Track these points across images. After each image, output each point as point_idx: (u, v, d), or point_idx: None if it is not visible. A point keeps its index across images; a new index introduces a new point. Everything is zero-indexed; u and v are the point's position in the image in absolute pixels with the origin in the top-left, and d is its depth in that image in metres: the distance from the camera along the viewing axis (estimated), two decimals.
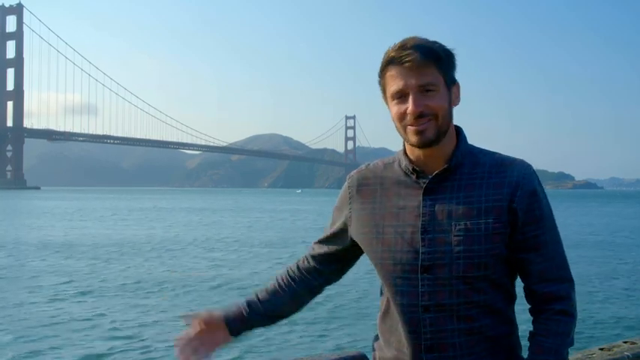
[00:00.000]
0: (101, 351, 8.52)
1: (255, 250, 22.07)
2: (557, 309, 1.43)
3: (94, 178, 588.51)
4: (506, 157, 1.48)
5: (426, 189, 1.45)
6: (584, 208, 65.71)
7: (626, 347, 2.71)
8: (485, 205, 1.41)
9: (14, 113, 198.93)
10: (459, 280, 1.41)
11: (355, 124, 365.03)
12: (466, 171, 1.45)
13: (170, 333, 9.38)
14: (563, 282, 1.45)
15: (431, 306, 1.42)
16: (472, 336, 1.43)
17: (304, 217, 46.04)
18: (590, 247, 23.23)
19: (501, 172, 1.44)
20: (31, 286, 13.65)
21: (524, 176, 1.43)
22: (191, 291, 13.37)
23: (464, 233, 1.40)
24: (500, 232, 1.40)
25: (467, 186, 1.44)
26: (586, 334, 9.37)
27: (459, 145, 1.47)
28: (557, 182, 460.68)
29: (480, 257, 1.40)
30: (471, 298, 1.41)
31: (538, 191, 1.44)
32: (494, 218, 1.40)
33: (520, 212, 1.41)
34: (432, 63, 1.39)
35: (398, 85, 1.41)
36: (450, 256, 1.40)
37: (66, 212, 50.40)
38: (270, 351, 8.55)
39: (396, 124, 1.46)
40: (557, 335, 1.41)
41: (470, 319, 1.42)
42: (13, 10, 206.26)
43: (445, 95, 1.43)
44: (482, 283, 1.42)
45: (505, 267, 1.45)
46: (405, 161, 1.49)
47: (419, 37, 1.43)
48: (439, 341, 1.43)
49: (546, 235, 1.44)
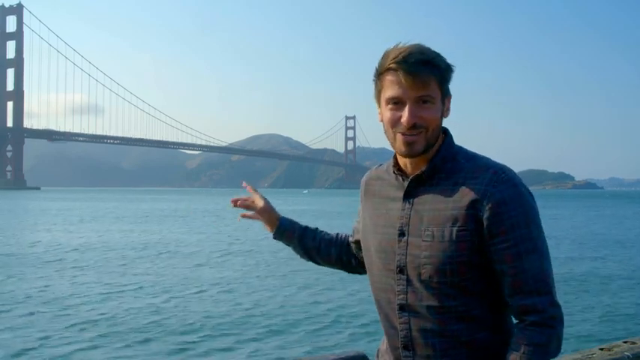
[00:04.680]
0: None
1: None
2: (530, 320, 1.38)
3: (94, 178, 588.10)
4: (485, 163, 1.45)
5: (405, 192, 1.49)
6: (583, 209, 65.65)
7: (626, 347, 2.70)
8: (452, 212, 1.41)
9: (14, 113, 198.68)
10: (427, 285, 1.42)
11: (355, 124, 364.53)
12: (444, 176, 1.46)
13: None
14: (540, 295, 1.38)
15: (405, 305, 1.46)
16: (445, 338, 1.43)
17: (340, 217, 43.64)
18: (591, 246, 23.22)
19: (474, 179, 1.42)
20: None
21: (494, 184, 1.40)
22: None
23: (430, 240, 1.41)
24: (467, 240, 1.39)
25: (442, 191, 1.44)
26: (586, 334, 9.38)
27: (440, 149, 1.48)
28: (557, 182, 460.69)
29: (445, 264, 1.40)
30: (442, 303, 1.42)
31: (508, 201, 1.39)
32: (460, 226, 1.39)
33: (486, 222, 1.39)
34: (434, 77, 1.40)
35: (396, 92, 1.41)
36: (418, 260, 1.43)
37: (94, 216, 48.77)
38: (270, 351, 8.55)
39: (387, 128, 1.47)
40: (528, 346, 1.36)
41: (441, 322, 1.42)
42: (13, 10, 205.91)
43: (439, 108, 1.44)
44: (451, 290, 1.41)
45: (482, 274, 1.42)
46: (394, 164, 1.54)
47: (423, 47, 1.43)
48: (414, 340, 1.45)
49: (519, 246, 1.38)
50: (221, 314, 10.77)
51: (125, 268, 17.04)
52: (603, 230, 32.65)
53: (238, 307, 11.36)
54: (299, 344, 8.88)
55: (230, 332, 9.53)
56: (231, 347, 8.75)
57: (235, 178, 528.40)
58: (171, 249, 22.25)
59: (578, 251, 21.14)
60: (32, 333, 9.39)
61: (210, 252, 21.29)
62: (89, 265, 17.50)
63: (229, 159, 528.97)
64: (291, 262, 16.57)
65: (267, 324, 10.08)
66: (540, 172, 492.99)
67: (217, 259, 19.27)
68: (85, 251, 21.02)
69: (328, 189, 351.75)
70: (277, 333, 9.53)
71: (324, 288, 13.36)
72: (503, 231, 1.38)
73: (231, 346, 8.81)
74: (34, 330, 9.58)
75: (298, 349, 8.60)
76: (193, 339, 9.12)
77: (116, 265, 17.67)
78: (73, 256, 19.44)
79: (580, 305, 11.46)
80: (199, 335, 9.33)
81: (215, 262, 18.53)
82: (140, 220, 41.06)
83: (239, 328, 9.77)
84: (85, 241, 24.84)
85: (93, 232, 29.22)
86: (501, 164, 1.46)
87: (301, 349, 8.53)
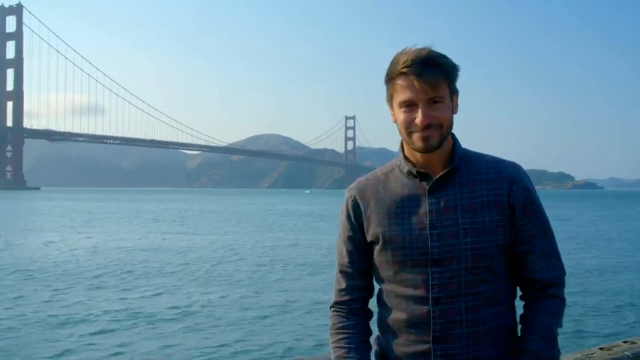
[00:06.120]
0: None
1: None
2: (550, 292, 1.55)
3: (93, 178, 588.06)
4: (495, 159, 1.60)
5: (430, 188, 1.55)
6: (585, 209, 65.60)
7: (626, 347, 2.72)
8: (487, 199, 1.53)
9: (14, 113, 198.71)
10: (467, 271, 1.51)
11: (355, 124, 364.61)
12: (464, 170, 1.56)
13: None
14: (557, 270, 1.57)
15: (441, 298, 1.51)
16: (477, 327, 1.52)
17: None
18: (591, 246, 23.22)
19: (496, 170, 1.56)
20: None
21: (518, 173, 1.56)
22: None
23: (469, 226, 1.51)
24: (502, 225, 1.52)
25: (468, 183, 1.55)
26: (586, 334, 9.37)
27: (456, 148, 1.58)
28: (557, 182, 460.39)
29: (486, 248, 1.51)
30: (477, 289, 1.51)
31: (530, 187, 1.57)
32: (497, 211, 1.52)
33: (517, 206, 1.53)
34: (442, 78, 1.50)
35: (408, 96, 1.50)
36: (457, 248, 1.50)
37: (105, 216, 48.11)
38: (270, 351, 8.55)
39: (401, 129, 1.55)
40: (549, 314, 1.53)
41: (476, 309, 1.51)
42: (13, 11, 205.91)
43: (450, 106, 1.54)
44: (487, 274, 1.52)
45: (505, 260, 1.55)
46: (408, 165, 1.59)
47: (430, 50, 1.51)
48: (447, 332, 1.51)
49: (540, 227, 1.56)
50: (223, 304, 10.75)
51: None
52: (606, 230, 32.64)
53: (237, 301, 11.35)
54: (299, 344, 8.88)
55: (226, 327, 9.52)
56: (226, 343, 8.74)
57: (235, 178, 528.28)
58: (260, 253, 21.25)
59: (578, 251, 21.13)
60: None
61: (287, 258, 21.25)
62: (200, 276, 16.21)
63: (229, 159, 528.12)
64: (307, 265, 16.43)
65: (267, 324, 10.09)
66: (540, 172, 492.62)
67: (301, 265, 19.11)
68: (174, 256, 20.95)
69: (328, 189, 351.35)
70: (277, 333, 9.52)
71: (326, 285, 13.35)
72: (529, 214, 1.55)
73: (226, 341, 8.80)
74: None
75: (298, 348, 8.60)
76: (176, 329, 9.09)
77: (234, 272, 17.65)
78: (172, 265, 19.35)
79: (580, 305, 11.45)
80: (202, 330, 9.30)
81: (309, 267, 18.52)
82: (180, 221, 40.24)
83: (235, 324, 9.76)
84: (168, 245, 24.67)
85: (160, 235, 28.57)
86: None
87: (301, 349, 8.53)
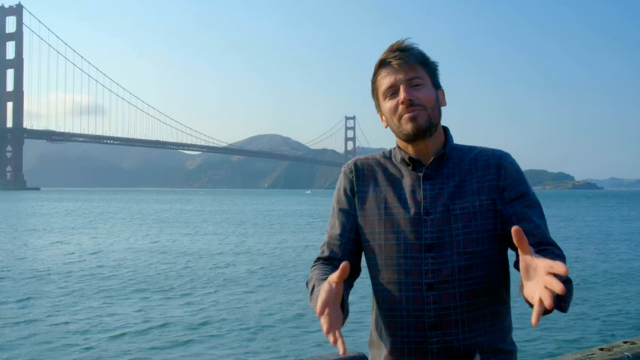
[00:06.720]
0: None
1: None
2: (556, 252, 1.51)
3: (93, 178, 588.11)
4: (484, 148, 1.66)
5: (424, 175, 1.59)
6: (585, 209, 65.62)
7: (626, 347, 2.71)
8: (476, 185, 1.57)
9: (14, 114, 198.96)
10: (459, 256, 1.52)
11: (355, 124, 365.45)
12: (456, 161, 1.62)
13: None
14: (552, 245, 1.55)
15: (434, 283, 1.52)
16: (472, 313, 1.53)
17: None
18: (592, 245, 23.17)
19: (485, 158, 1.61)
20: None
21: (506, 158, 1.61)
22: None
23: (460, 212, 1.54)
24: (492, 209, 1.55)
25: (460, 171, 1.60)
26: (586, 334, 9.36)
27: (447, 140, 1.64)
28: (557, 182, 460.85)
29: (478, 232, 1.53)
30: (470, 274, 1.53)
31: (519, 169, 1.61)
32: (486, 196, 1.56)
33: (508, 187, 1.57)
34: (418, 63, 1.56)
35: (389, 81, 1.56)
36: (450, 233, 1.53)
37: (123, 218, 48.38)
38: (270, 351, 8.54)
39: (390, 119, 1.59)
40: (559, 258, 1.45)
41: (470, 295, 1.53)
42: (13, 11, 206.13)
43: (433, 91, 1.57)
44: (480, 259, 1.53)
45: (497, 245, 1.56)
46: (401, 153, 1.63)
47: (405, 40, 1.58)
48: (442, 318, 1.53)
49: (533, 206, 1.57)
50: (220, 312, 10.76)
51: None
52: (608, 230, 32.59)
53: (239, 306, 11.36)
54: (299, 344, 8.87)
55: (230, 331, 9.52)
56: (227, 343, 8.73)
57: (235, 178, 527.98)
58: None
59: (578, 250, 21.12)
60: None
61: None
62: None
63: (229, 159, 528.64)
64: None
65: (265, 324, 10.09)
66: (540, 172, 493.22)
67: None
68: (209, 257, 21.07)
69: (328, 189, 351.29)
70: (277, 333, 9.52)
71: None
72: (521, 195, 1.57)
73: (226, 341, 8.80)
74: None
75: (298, 348, 8.59)
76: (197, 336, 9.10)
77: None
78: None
79: (580, 305, 11.45)
80: (200, 334, 9.31)
81: None
82: (183, 222, 39.73)
83: (235, 327, 9.76)
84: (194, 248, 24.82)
85: (165, 236, 28.23)
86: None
87: (301, 349, 8.52)
